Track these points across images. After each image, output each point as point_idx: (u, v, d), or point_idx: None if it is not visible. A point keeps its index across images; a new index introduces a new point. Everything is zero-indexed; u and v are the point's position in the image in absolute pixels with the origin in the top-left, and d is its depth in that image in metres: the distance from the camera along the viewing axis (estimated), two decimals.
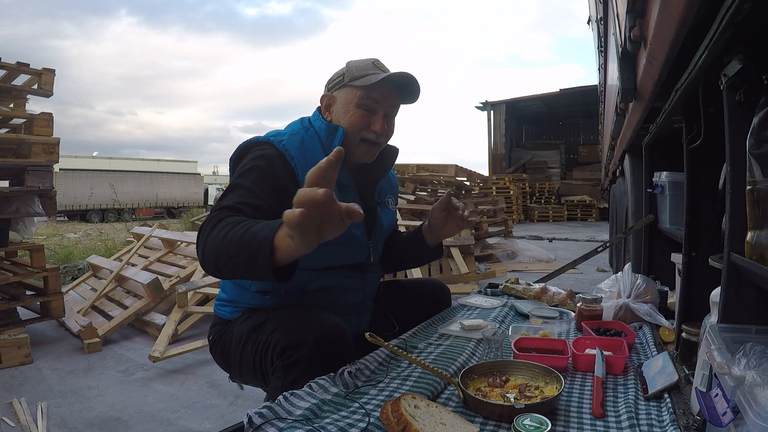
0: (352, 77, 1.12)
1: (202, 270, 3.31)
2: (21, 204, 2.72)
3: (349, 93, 1.12)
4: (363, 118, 1.11)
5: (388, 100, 1.13)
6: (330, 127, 1.13)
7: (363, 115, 1.11)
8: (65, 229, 11.40)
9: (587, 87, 13.20)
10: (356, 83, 1.11)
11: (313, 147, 1.11)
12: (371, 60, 1.16)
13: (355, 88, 1.11)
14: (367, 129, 1.12)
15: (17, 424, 1.84)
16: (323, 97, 1.17)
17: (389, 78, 1.10)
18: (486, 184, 10.60)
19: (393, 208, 1.33)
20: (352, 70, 1.13)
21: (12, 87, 2.85)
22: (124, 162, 22.41)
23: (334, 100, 1.15)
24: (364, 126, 1.12)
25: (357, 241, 1.16)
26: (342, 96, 1.14)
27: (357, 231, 1.16)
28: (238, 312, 1.16)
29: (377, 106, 1.12)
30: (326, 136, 1.13)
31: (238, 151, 1.13)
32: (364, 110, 1.11)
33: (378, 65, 1.15)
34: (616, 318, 1.38)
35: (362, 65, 1.14)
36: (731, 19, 0.65)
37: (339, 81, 1.15)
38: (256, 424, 0.75)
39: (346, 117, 1.12)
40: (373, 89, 1.10)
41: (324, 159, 0.70)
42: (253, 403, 1.98)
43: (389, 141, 1.19)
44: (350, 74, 1.13)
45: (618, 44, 1.41)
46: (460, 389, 0.88)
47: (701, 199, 1.21)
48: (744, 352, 0.61)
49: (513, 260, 5.87)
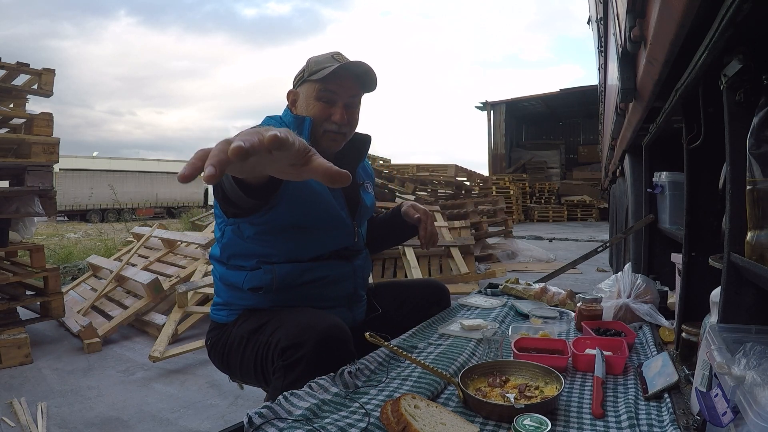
0: (311, 72, 1.15)
1: (202, 270, 3.31)
2: (21, 204, 2.72)
3: (309, 87, 1.16)
4: (324, 110, 1.15)
5: (347, 90, 1.16)
6: (297, 118, 1.16)
7: (323, 107, 1.14)
8: (65, 229, 11.40)
9: (587, 87, 13.21)
10: (314, 77, 1.14)
11: None
12: (331, 53, 1.18)
13: (314, 82, 1.15)
14: (328, 120, 1.15)
15: (17, 424, 1.84)
16: (289, 94, 1.21)
17: (343, 67, 1.12)
18: (486, 184, 10.61)
19: (371, 191, 1.35)
20: (311, 65, 1.16)
21: (12, 87, 2.85)
22: (124, 162, 22.37)
23: (298, 95, 1.19)
24: (325, 118, 1.15)
25: (343, 222, 1.18)
26: (303, 91, 1.17)
27: (342, 212, 1.18)
28: (234, 315, 1.16)
29: (336, 97, 1.15)
30: (295, 127, 1.15)
31: None
32: (324, 102, 1.14)
33: (337, 57, 1.16)
34: (616, 318, 1.38)
35: (321, 59, 1.16)
36: (731, 19, 0.65)
37: (300, 77, 1.18)
38: (256, 424, 0.75)
39: (308, 111, 1.16)
40: (329, 81, 1.13)
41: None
42: (253, 403, 1.98)
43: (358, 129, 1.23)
44: (309, 69, 1.16)
45: (618, 44, 1.42)
46: (460, 389, 0.88)
47: (701, 199, 1.21)
48: (744, 352, 0.61)
49: (513, 260, 5.87)
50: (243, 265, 1.15)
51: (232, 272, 1.16)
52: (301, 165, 0.55)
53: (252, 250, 1.13)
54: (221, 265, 1.19)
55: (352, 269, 1.23)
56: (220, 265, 1.19)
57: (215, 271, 1.21)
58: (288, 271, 1.12)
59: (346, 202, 1.21)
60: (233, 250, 1.16)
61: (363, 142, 1.27)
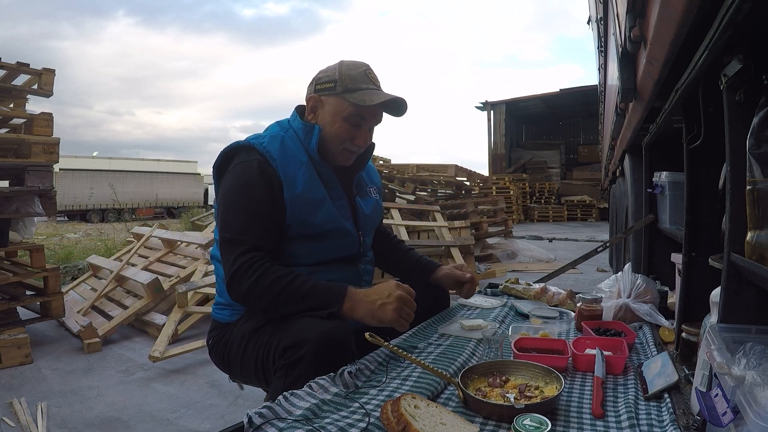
0: (345, 88, 1.13)
1: (202, 270, 3.31)
2: (21, 204, 2.72)
3: (340, 104, 1.14)
4: (348, 131, 1.15)
5: (375, 117, 1.17)
6: (306, 126, 1.16)
7: (349, 129, 1.14)
8: (65, 229, 11.40)
9: (587, 87, 13.20)
10: (349, 98, 1.12)
11: (294, 146, 1.15)
12: (363, 68, 1.16)
13: (347, 102, 1.13)
14: (351, 141, 1.16)
15: (17, 424, 1.84)
16: (310, 99, 1.17)
17: (384, 104, 1.14)
18: (486, 184, 10.60)
19: (375, 197, 1.35)
20: (345, 80, 1.13)
21: (12, 87, 2.85)
22: (124, 162, 22.36)
23: (322, 104, 1.16)
24: (348, 138, 1.15)
25: (348, 233, 1.19)
26: (331, 104, 1.15)
27: (347, 224, 1.18)
28: (237, 314, 1.16)
29: (364, 123, 1.16)
30: (304, 135, 1.15)
31: (221, 158, 1.16)
32: (350, 125, 1.14)
33: (370, 76, 1.16)
34: (616, 318, 1.38)
35: (355, 75, 1.14)
36: (731, 19, 0.65)
37: (330, 87, 1.14)
38: (256, 424, 0.75)
39: (332, 127, 1.14)
40: (363, 109, 1.13)
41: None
42: (253, 403, 1.98)
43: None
44: (343, 84, 1.13)
45: (618, 44, 1.42)
46: (460, 389, 0.88)
47: (701, 199, 1.21)
48: (744, 352, 0.61)
49: (513, 260, 5.87)
50: None
51: None
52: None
53: None
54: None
55: (356, 273, 1.22)
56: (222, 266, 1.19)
57: (218, 271, 1.21)
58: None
59: (351, 213, 1.22)
60: None
61: (366, 149, 1.26)
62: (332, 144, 1.16)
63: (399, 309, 1.01)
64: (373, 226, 1.34)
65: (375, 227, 1.36)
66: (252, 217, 1.06)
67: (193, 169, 24.65)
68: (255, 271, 1.02)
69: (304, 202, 1.11)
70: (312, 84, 1.19)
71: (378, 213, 1.36)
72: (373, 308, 1.01)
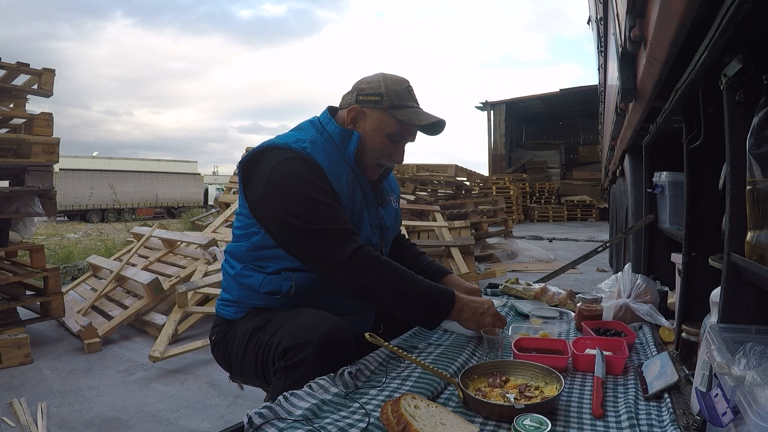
0: (391, 104, 1.12)
1: (202, 270, 3.31)
2: (21, 204, 2.72)
3: (384, 119, 1.13)
4: (388, 147, 1.15)
5: (414, 135, 1.18)
6: (345, 131, 1.14)
7: (389, 145, 1.15)
8: (65, 229, 11.40)
9: (587, 87, 13.20)
10: (396, 114, 1.12)
11: (332, 150, 1.14)
12: (406, 85, 1.16)
13: (394, 119, 1.13)
14: (388, 157, 1.17)
15: (17, 424, 1.84)
16: (352, 109, 1.14)
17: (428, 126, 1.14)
18: (486, 184, 10.60)
19: (395, 206, 1.35)
20: (392, 96, 1.12)
21: (12, 87, 2.85)
22: (124, 162, 22.37)
23: (364, 116, 1.14)
24: (386, 154, 1.16)
25: (372, 245, 1.18)
26: (375, 118, 1.14)
27: (373, 237, 1.19)
28: (242, 312, 1.16)
29: (403, 141, 1.17)
30: (341, 140, 1.14)
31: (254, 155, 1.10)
32: (391, 141, 1.15)
33: (412, 93, 1.17)
34: (616, 318, 1.38)
35: (400, 92, 1.14)
36: (731, 19, 0.65)
37: (375, 101, 1.13)
38: (256, 424, 0.75)
39: (374, 141, 1.14)
40: (408, 128, 1.14)
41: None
42: (253, 403, 1.98)
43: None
44: (389, 99, 1.12)
45: (618, 44, 1.41)
46: (460, 389, 0.88)
47: (701, 199, 1.21)
48: (744, 352, 0.61)
49: (513, 260, 5.87)
50: (263, 266, 1.13)
51: (249, 272, 1.14)
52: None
53: (279, 255, 1.11)
54: (239, 263, 1.16)
55: None
56: (238, 263, 1.16)
57: (228, 267, 1.19)
58: (308, 280, 1.11)
59: (377, 224, 1.22)
60: (259, 253, 1.13)
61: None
62: (369, 157, 1.15)
63: (492, 323, 1.16)
64: (393, 235, 1.34)
65: (394, 236, 1.36)
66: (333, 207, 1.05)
67: (193, 169, 24.66)
68: (375, 265, 1.03)
69: (347, 208, 1.11)
70: (353, 93, 1.16)
71: (397, 222, 1.36)
72: (476, 314, 1.14)
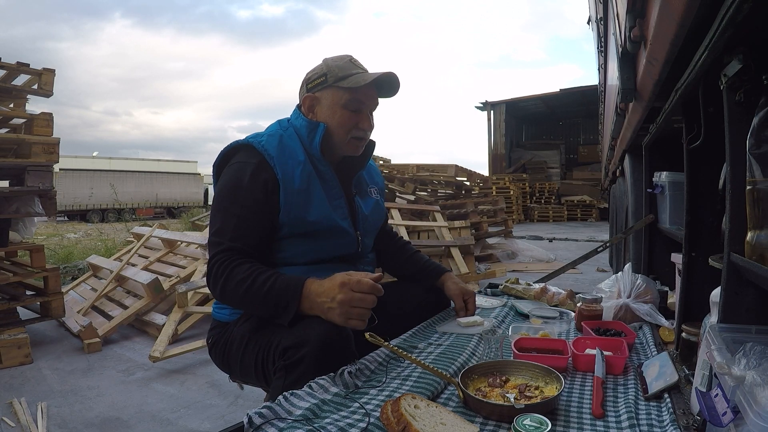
0: (336, 78, 1.15)
1: (202, 270, 3.31)
2: (21, 204, 2.72)
3: (335, 94, 1.16)
4: (350, 118, 1.16)
5: (372, 99, 1.19)
6: (311, 123, 1.17)
7: (350, 116, 1.16)
8: (65, 229, 11.40)
9: (587, 87, 13.20)
10: (342, 84, 1.14)
11: (293, 144, 1.16)
12: (347, 58, 1.19)
13: (341, 89, 1.15)
14: (356, 128, 1.17)
15: (17, 424, 1.84)
16: (305, 98, 1.19)
17: (377, 81, 1.15)
18: (486, 184, 10.59)
19: (376, 197, 1.36)
20: (335, 71, 1.15)
21: (12, 87, 2.85)
22: (124, 162, 22.35)
23: (318, 101, 1.18)
24: (352, 125, 1.17)
25: (344, 231, 1.19)
26: (327, 97, 1.17)
27: (344, 223, 1.19)
28: (237, 314, 1.16)
29: (363, 107, 1.17)
30: (307, 132, 1.17)
31: (221, 158, 1.18)
32: (351, 111, 1.16)
33: (355, 63, 1.18)
34: (616, 318, 1.38)
35: (343, 65, 1.16)
36: (731, 19, 0.65)
37: (321, 81, 1.17)
38: (256, 424, 0.75)
39: (334, 118, 1.16)
40: (359, 91, 1.14)
41: (373, 281, 0.99)
42: (253, 403, 1.98)
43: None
44: (333, 75, 1.15)
45: (618, 44, 1.41)
46: (460, 389, 0.88)
47: (701, 199, 1.21)
48: (744, 352, 0.61)
49: (513, 260, 5.87)
50: None
51: None
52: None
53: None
54: None
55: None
56: None
57: None
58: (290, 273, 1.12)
59: (349, 212, 1.22)
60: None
61: (367, 148, 1.27)
62: (338, 135, 1.17)
63: (345, 313, 0.96)
64: (374, 226, 1.34)
65: (376, 228, 1.36)
66: (234, 219, 1.08)
67: (193, 169, 24.65)
68: (222, 273, 1.04)
69: (300, 199, 1.12)
70: (303, 86, 1.22)
71: (379, 214, 1.36)
72: (323, 310, 0.98)
